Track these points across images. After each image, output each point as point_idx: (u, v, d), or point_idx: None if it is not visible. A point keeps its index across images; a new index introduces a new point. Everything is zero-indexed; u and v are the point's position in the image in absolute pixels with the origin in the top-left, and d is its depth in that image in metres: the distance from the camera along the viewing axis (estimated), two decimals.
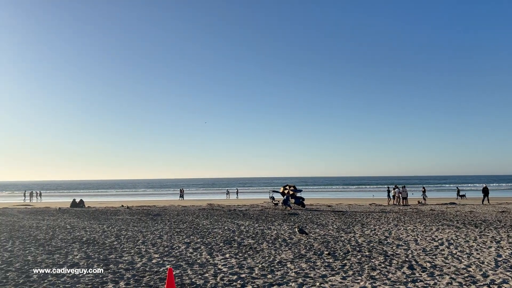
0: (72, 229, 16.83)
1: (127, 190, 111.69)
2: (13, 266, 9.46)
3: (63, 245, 12.51)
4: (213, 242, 13.06)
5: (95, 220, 20.62)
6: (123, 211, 27.98)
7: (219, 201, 45.07)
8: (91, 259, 10.29)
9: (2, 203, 49.29)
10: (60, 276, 8.53)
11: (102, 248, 11.94)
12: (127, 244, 12.78)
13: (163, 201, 47.39)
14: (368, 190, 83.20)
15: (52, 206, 37.90)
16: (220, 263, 9.86)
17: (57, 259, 10.35)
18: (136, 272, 8.87)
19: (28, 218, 22.10)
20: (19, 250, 11.61)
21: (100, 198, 67.52)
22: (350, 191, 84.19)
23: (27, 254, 10.98)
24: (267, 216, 22.42)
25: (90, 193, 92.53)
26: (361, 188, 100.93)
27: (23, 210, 31.02)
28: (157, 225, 18.12)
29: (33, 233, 15.40)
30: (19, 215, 24.98)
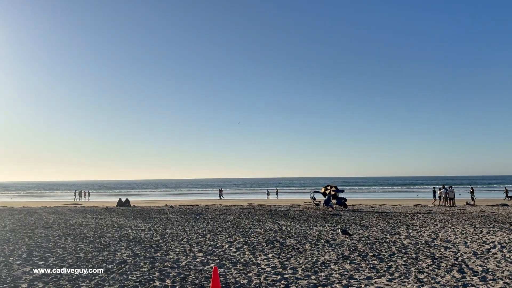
0: (119, 227, 17.41)
1: (170, 190, 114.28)
2: (66, 262, 9.90)
3: (111, 243, 12.96)
4: (255, 241, 13.11)
5: (140, 219, 21.24)
6: (167, 210, 28.65)
7: (259, 201, 45.23)
8: (138, 257, 10.59)
9: (54, 201, 51.73)
10: (110, 272, 8.84)
11: (148, 247, 12.27)
12: (172, 242, 13.07)
13: (205, 201, 48.14)
14: (413, 191, 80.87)
15: (100, 205, 39.36)
16: (263, 262, 9.89)
17: (106, 256, 10.74)
18: (182, 271, 9.05)
19: (78, 217, 23.06)
20: (71, 247, 12.14)
21: (145, 197, 69.47)
22: (393, 192, 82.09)
23: (78, 251, 11.46)
24: (309, 216, 22.26)
25: (135, 193, 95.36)
26: (406, 188, 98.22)
27: (73, 208, 32.40)
28: (200, 224, 18.42)
29: (83, 231, 16.06)
30: (70, 213, 26.11)
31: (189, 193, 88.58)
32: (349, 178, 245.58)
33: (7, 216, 24.17)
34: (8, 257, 10.59)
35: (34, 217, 22.86)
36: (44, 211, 28.20)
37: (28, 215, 24.46)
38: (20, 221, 20.42)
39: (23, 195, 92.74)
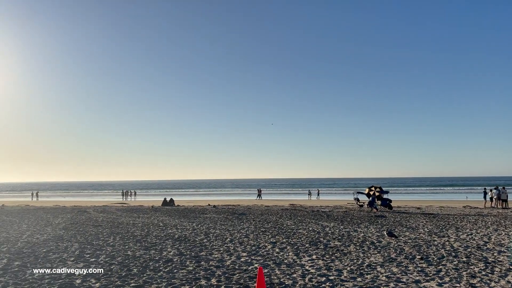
0: (165, 226, 17.83)
1: (212, 190, 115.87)
2: (116, 260, 10.26)
3: (157, 242, 13.30)
4: (298, 242, 13.05)
5: (185, 218, 21.66)
6: (210, 209, 29.05)
7: (300, 202, 44.96)
8: (184, 256, 10.81)
9: (102, 201, 53.75)
10: (157, 271, 9.08)
11: (193, 246, 12.50)
12: (216, 242, 13.24)
13: (246, 201, 48.42)
14: (461, 192, 77.70)
15: (145, 204, 40.50)
16: (307, 264, 9.83)
17: (153, 254, 11.03)
18: (226, 270, 9.15)
19: (125, 216, 23.83)
20: (119, 245, 12.56)
21: (188, 197, 70.79)
22: (440, 193, 79.20)
23: (126, 249, 11.84)
24: (352, 218, 21.90)
25: (178, 192, 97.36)
26: (453, 189, 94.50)
27: (120, 208, 33.51)
28: (243, 224, 18.55)
29: (130, 230, 16.58)
30: (117, 212, 27.03)
31: (230, 193, 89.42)
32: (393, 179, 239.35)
33: (60, 214, 25.35)
34: (63, 254, 11.10)
35: (84, 216, 23.85)
36: (93, 210, 29.35)
37: (79, 214, 25.55)
38: (72, 220, 21.36)
39: (74, 194, 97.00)
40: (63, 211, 29.08)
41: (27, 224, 19.01)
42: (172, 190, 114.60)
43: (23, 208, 33.70)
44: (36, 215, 25.16)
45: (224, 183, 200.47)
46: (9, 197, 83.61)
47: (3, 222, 20.35)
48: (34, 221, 20.51)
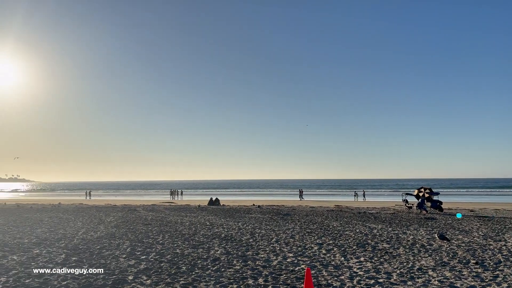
0: (211, 225, 18.12)
1: (256, 190, 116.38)
2: (165, 258, 10.54)
3: (205, 241, 13.54)
4: (345, 244, 12.85)
5: (230, 218, 21.91)
6: (255, 209, 29.21)
7: (346, 203, 44.25)
8: (231, 255, 10.94)
9: (150, 200, 55.38)
10: (205, 269, 9.24)
11: (239, 245, 12.62)
12: (261, 242, 13.30)
13: (289, 201, 48.27)
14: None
15: (192, 203, 41.31)
16: (355, 266, 9.66)
17: (201, 253, 11.24)
18: (273, 270, 9.16)
19: (173, 215, 24.42)
20: (168, 244, 12.90)
21: (232, 196, 71.50)
22: (495, 195, 75.34)
23: (175, 248, 12.14)
24: (401, 220, 21.29)
25: (223, 192, 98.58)
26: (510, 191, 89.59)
27: (168, 207, 34.38)
28: (288, 224, 18.51)
29: (178, 228, 16.97)
30: (165, 211, 27.75)
31: (272, 193, 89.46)
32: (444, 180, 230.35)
33: (111, 213, 26.38)
34: (115, 251, 11.55)
35: (134, 214, 24.68)
36: (142, 209, 30.32)
37: (129, 212, 26.46)
38: (122, 218, 22.16)
39: (124, 194, 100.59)
40: (114, 209, 30.24)
41: (82, 222, 19.92)
42: (217, 190, 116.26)
43: (78, 207, 35.35)
44: (89, 213, 26.32)
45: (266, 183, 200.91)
46: (65, 195, 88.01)
47: (60, 219, 21.44)
48: (88, 219, 21.46)
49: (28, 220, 20.74)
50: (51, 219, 21.37)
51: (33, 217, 22.65)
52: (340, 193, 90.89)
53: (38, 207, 33.54)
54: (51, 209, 30.62)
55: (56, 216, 23.72)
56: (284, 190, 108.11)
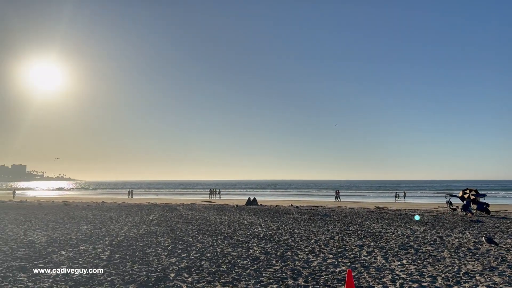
0: (250, 225, 18.20)
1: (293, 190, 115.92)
2: (205, 256, 10.68)
3: (243, 240, 13.61)
4: (387, 246, 12.57)
5: (268, 218, 21.93)
6: (293, 210, 29.10)
7: (387, 204, 43.29)
8: (270, 255, 10.94)
9: (189, 199, 56.31)
10: (245, 268, 9.29)
11: (278, 245, 12.60)
12: (300, 242, 13.22)
13: (328, 202, 47.75)
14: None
15: (230, 203, 41.65)
16: (397, 268, 9.43)
17: (240, 252, 11.31)
18: (313, 271, 9.09)
19: (212, 214, 24.72)
20: (208, 242, 13.06)
21: (270, 197, 71.53)
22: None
23: (215, 246, 12.28)
24: (445, 222, 20.60)
25: (261, 192, 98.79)
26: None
27: (207, 206, 34.84)
28: (327, 225, 18.31)
29: (217, 227, 17.16)
30: (205, 210, 28.14)
31: (310, 194, 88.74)
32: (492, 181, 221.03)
33: (152, 211, 27.03)
34: (157, 248, 11.82)
35: (175, 213, 25.17)
36: (182, 208, 30.88)
37: (170, 211, 27.02)
38: (163, 216, 22.65)
39: (164, 193, 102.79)
40: (155, 208, 30.97)
41: (125, 220, 20.52)
42: (254, 190, 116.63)
43: (120, 205, 36.44)
44: (131, 211, 27.08)
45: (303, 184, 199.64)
46: (108, 194, 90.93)
47: (104, 217, 22.18)
48: (131, 217, 22.08)
49: (75, 218, 21.59)
50: (96, 217, 22.15)
51: (79, 215, 23.56)
52: (379, 194, 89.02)
53: (83, 205, 34.85)
54: (95, 207, 31.75)
55: (100, 214, 24.56)
56: (320, 191, 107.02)
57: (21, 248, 11.62)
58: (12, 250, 11.30)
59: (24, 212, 25.94)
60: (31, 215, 23.01)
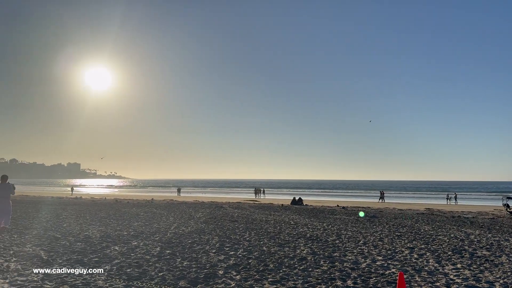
0: (296, 225, 18.13)
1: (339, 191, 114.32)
2: (253, 255, 10.75)
3: (290, 239, 13.58)
4: (439, 249, 12.12)
5: (315, 218, 21.76)
6: (339, 210, 28.72)
7: (437, 206, 41.77)
8: (317, 255, 10.84)
9: (235, 198, 56.91)
10: (292, 268, 9.27)
11: (325, 246, 12.47)
12: (348, 243, 13.02)
13: (374, 203, 46.70)
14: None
15: (275, 202, 41.70)
16: (451, 273, 9.06)
17: (287, 252, 11.29)
18: (362, 273, 8.92)
19: (258, 213, 24.85)
20: (255, 241, 13.14)
21: (315, 197, 70.98)
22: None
23: (262, 245, 12.33)
24: (502, 225, 19.59)
25: (306, 192, 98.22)
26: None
27: (252, 205, 35.08)
28: (375, 227, 17.91)
29: (263, 226, 17.23)
30: (250, 209, 28.34)
31: (356, 195, 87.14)
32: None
33: (200, 209, 27.55)
34: (205, 246, 12.03)
35: (221, 211, 25.53)
36: (228, 206, 31.26)
37: (216, 209, 27.44)
38: (210, 214, 23.04)
39: (211, 191, 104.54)
40: (202, 206, 31.56)
41: (173, 217, 21.06)
42: (299, 190, 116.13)
43: (169, 203, 37.44)
44: (180, 209, 27.74)
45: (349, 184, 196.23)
46: (157, 192, 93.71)
47: (154, 214, 22.87)
48: (179, 215, 22.63)
49: (126, 214, 22.41)
50: (146, 214, 22.88)
51: (130, 211, 24.43)
52: (429, 195, 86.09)
53: (134, 202, 36.10)
54: (145, 204, 32.80)
55: (150, 211, 25.34)
56: (367, 192, 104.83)
57: (78, 242, 12.20)
58: (70, 244, 11.90)
59: (79, 208, 27.22)
60: (86, 211, 24.11)
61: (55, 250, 10.80)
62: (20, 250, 10.74)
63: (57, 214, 21.64)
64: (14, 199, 18.12)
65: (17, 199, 36.90)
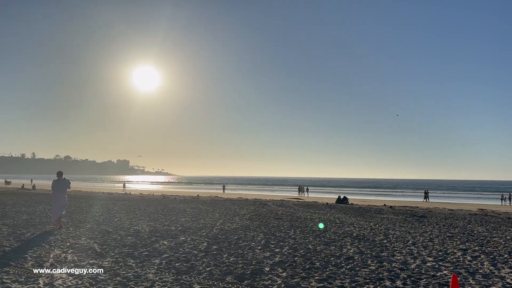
0: (341, 224, 17.89)
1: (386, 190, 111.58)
2: (298, 252, 10.72)
3: (336, 238, 13.41)
4: (495, 252, 11.55)
5: (361, 217, 21.37)
6: (386, 210, 28.03)
7: (491, 207, 39.85)
8: (364, 255, 10.64)
9: (278, 195, 56.96)
10: (339, 267, 9.16)
11: (372, 245, 12.22)
12: (396, 243, 12.69)
13: (420, 202, 45.19)
14: None
15: (319, 201, 41.33)
16: (508, 276, 8.61)
17: (333, 250, 11.17)
18: (412, 273, 8.66)
19: (302, 211, 24.73)
20: (300, 239, 13.09)
21: (360, 196, 69.71)
22: None
23: (307, 243, 12.26)
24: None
25: (350, 191, 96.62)
26: None
27: (296, 202, 34.94)
28: (425, 227, 17.34)
29: (308, 224, 17.12)
30: (294, 207, 28.25)
31: (402, 194, 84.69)
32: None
33: (244, 206, 27.79)
34: (251, 242, 12.12)
35: (265, 209, 25.62)
36: (272, 204, 31.32)
37: (261, 206, 27.56)
38: (255, 211, 23.18)
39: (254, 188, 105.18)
40: (246, 203, 31.81)
41: (219, 213, 21.37)
42: (343, 188, 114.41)
43: (214, 199, 38.02)
44: (224, 205, 28.11)
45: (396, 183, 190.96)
46: (202, 188, 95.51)
47: (200, 210, 23.31)
48: (224, 211, 22.93)
49: (173, 210, 22.98)
50: (193, 210, 23.36)
51: (177, 207, 25.03)
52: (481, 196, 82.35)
53: (180, 199, 36.96)
54: (191, 201, 33.49)
55: (196, 207, 25.85)
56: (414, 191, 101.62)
57: (128, 236, 12.66)
58: (121, 238, 12.36)
59: (129, 203, 28.21)
60: (135, 207, 24.95)
61: (107, 244, 11.26)
62: (76, 243, 11.29)
63: (108, 209, 22.55)
64: (68, 194, 19.05)
65: (71, 194, 38.80)
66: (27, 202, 26.02)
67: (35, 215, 17.90)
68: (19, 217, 16.87)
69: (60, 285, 7.05)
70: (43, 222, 15.42)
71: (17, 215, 17.67)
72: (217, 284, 7.47)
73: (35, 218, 16.90)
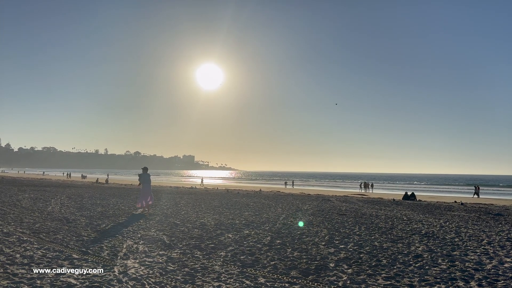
0: (409, 221, 17.24)
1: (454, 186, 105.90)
2: (364, 249, 10.49)
3: (403, 236, 12.96)
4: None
5: (429, 214, 20.47)
6: (457, 207, 26.62)
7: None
8: (434, 253, 10.19)
9: (342, 191, 56.03)
10: (407, 265, 8.84)
11: (443, 243, 11.66)
12: (469, 242, 12.01)
13: (497, 200, 42.29)
14: None
15: (384, 197, 40.12)
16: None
17: (400, 248, 10.80)
18: (487, 274, 8.16)
19: (367, 207, 24.14)
20: (365, 236, 12.79)
21: (428, 192, 66.73)
22: None
23: (373, 240, 11.96)
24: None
25: (418, 187, 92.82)
26: None
27: (360, 199, 34.16)
28: (501, 226, 16.24)
29: (374, 221, 16.68)
30: (359, 203, 27.64)
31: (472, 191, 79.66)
32: None
33: (307, 201, 27.66)
34: (314, 238, 12.05)
35: (328, 204, 25.32)
36: (336, 199, 30.86)
37: (323, 202, 27.28)
38: (318, 207, 22.99)
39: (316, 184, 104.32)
40: (308, 198, 31.64)
41: (281, 208, 21.45)
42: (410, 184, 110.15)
43: (276, 194, 38.21)
44: (287, 200, 28.15)
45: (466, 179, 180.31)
46: (264, 183, 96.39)
47: (262, 204, 23.54)
48: (286, 206, 22.98)
49: (237, 204, 23.40)
50: (255, 204, 23.65)
51: (240, 201, 25.47)
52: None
53: (243, 193, 37.55)
54: (254, 195, 33.91)
55: (259, 201, 26.13)
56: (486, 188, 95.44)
57: (195, 229, 13.09)
58: (188, 230, 12.81)
59: (195, 197, 29.13)
60: (201, 200, 25.71)
61: (176, 236, 11.73)
62: (146, 234, 11.87)
63: (175, 202, 23.45)
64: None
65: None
66: (102, 195, 27.75)
67: (108, 208, 19.07)
68: (95, 209, 18.05)
69: (133, 273, 7.45)
70: (116, 215, 16.38)
71: (93, 207, 18.92)
72: (282, 278, 7.51)
73: (109, 210, 18.00)
